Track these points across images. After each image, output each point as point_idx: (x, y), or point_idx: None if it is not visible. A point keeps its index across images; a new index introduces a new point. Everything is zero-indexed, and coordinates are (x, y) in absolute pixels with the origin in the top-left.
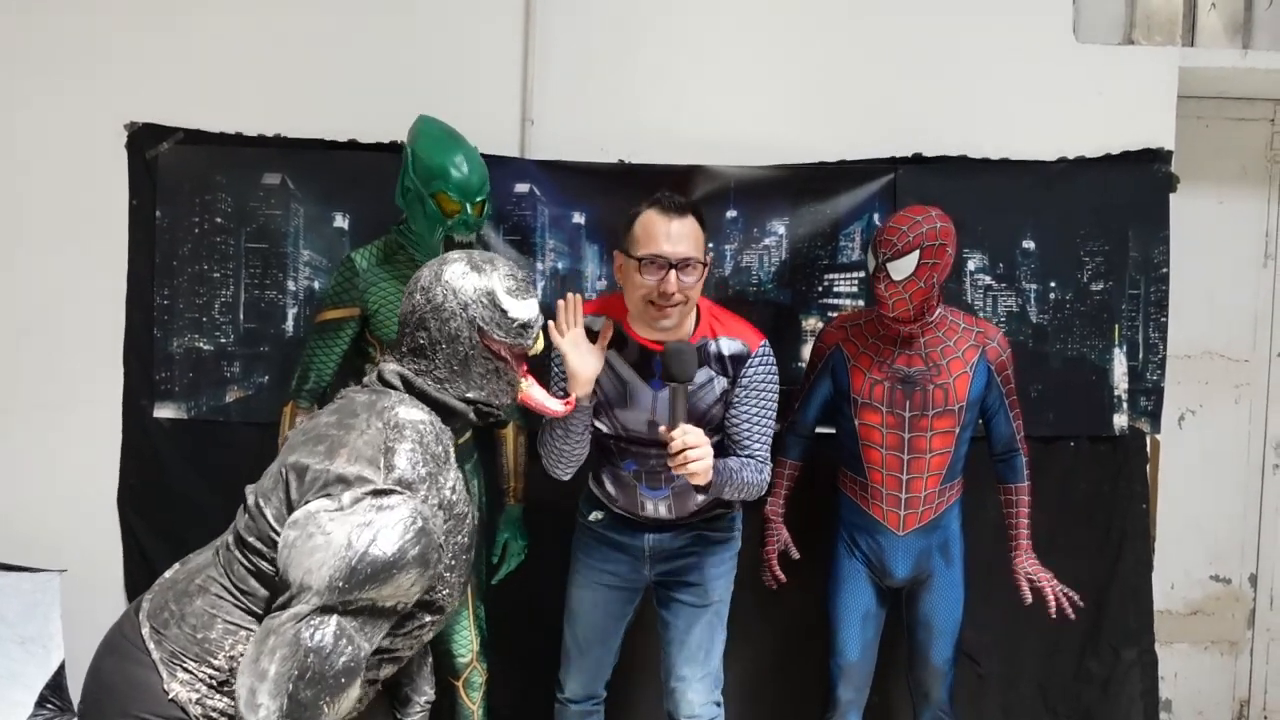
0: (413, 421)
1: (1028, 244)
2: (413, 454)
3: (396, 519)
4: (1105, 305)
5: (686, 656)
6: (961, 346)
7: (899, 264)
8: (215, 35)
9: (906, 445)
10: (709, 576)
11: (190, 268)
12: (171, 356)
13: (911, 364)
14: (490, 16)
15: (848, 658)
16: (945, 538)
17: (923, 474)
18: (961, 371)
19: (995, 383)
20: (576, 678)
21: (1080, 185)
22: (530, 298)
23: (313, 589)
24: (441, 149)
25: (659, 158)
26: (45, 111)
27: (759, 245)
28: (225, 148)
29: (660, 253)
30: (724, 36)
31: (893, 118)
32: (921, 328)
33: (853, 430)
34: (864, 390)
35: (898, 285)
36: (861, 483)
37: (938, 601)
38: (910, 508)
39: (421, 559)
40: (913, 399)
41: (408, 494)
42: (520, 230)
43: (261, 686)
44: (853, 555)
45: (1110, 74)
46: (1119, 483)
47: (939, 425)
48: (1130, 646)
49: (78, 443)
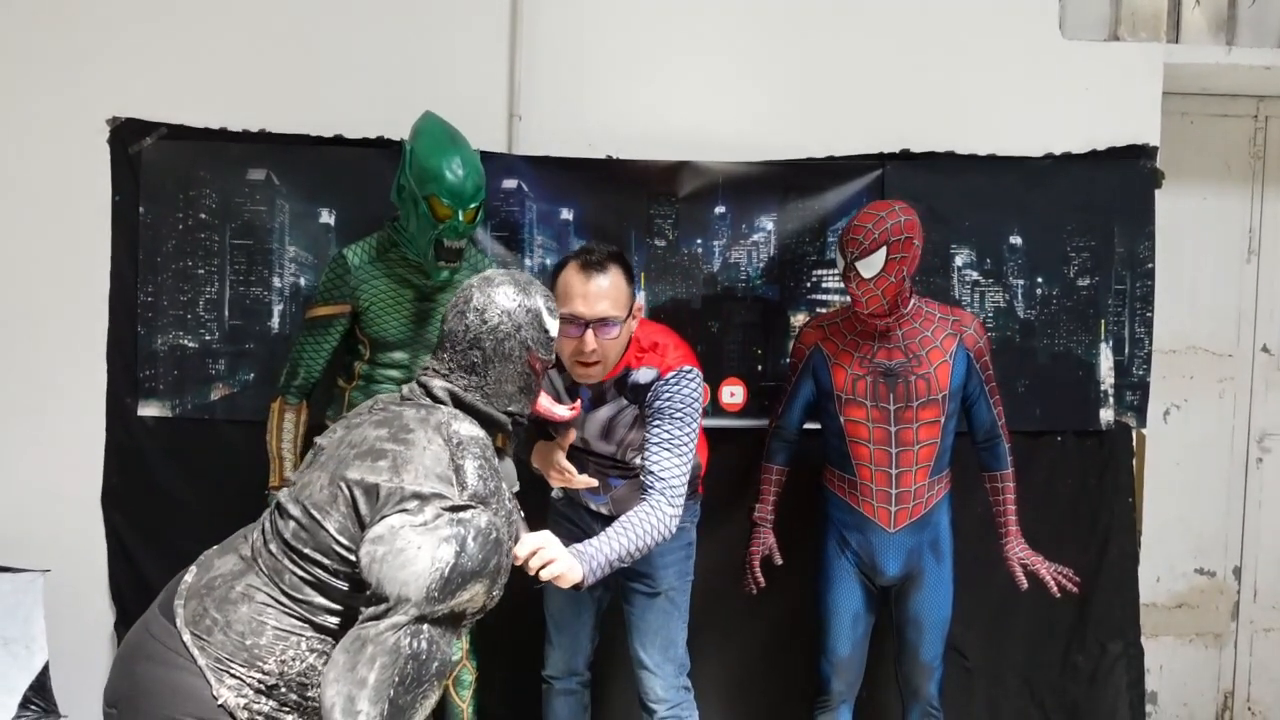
0: (473, 437)
1: (1015, 239)
2: (480, 469)
3: (478, 531)
4: (1091, 300)
5: (646, 644)
6: (939, 336)
7: (867, 262)
8: (199, 30)
9: (894, 439)
10: (656, 566)
11: (174, 264)
12: (156, 354)
13: (892, 357)
14: (477, 11)
15: (839, 654)
16: (936, 534)
17: (911, 467)
18: (941, 360)
19: (975, 369)
20: (557, 654)
21: (1067, 181)
22: (558, 318)
23: (410, 600)
24: (439, 151)
25: (647, 153)
26: (26, 106)
27: (747, 241)
28: (210, 143)
29: (576, 313)
30: (711, 32)
31: (880, 114)
32: (898, 320)
33: (839, 428)
34: (847, 387)
35: (868, 283)
36: (850, 480)
37: (927, 599)
38: (901, 503)
39: (499, 567)
40: (896, 391)
41: (481, 508)
42: (508, 226)
43: (361, 694)
44: (843, 555)
45: (1096, 70)
46: (1105, 477)
47: (924, 415)
48: (1116, 639)
49: (60, 442)
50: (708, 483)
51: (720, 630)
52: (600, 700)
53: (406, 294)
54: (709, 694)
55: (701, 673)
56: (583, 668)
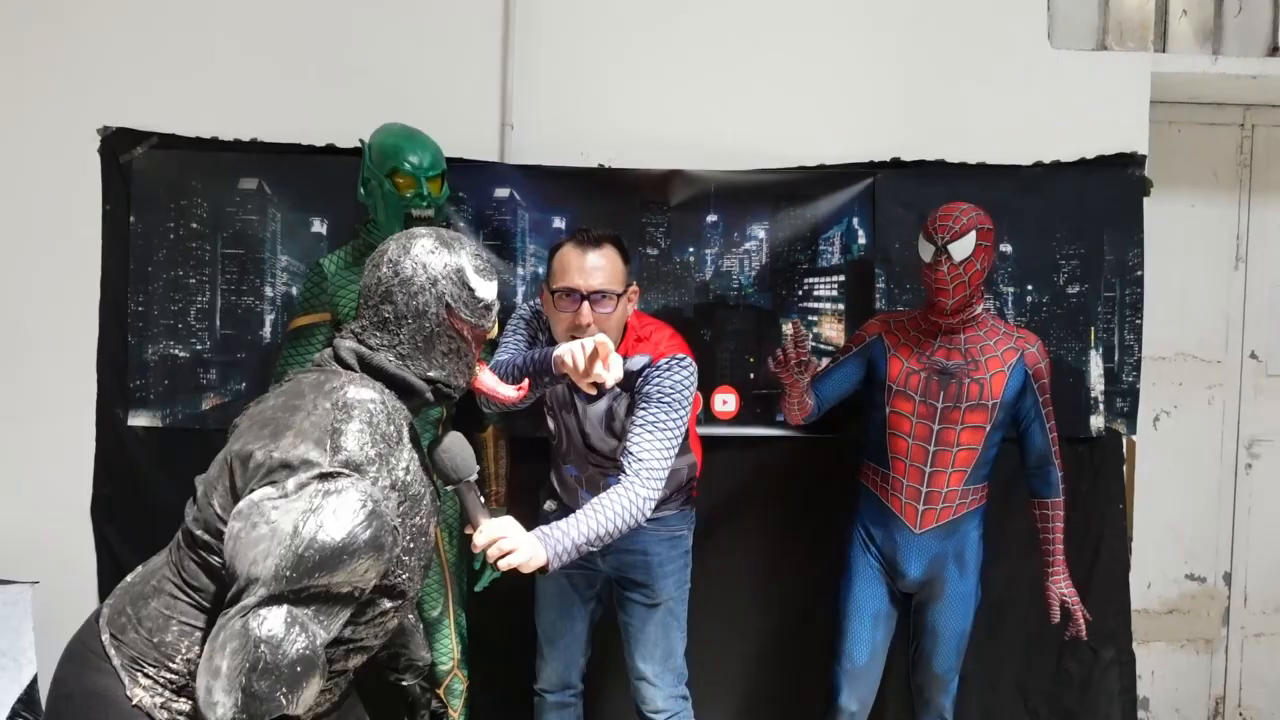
0: (361, 400)
1: (1005, 247)
2: (361, 434)
3: (344, 503)
4: (1081, 308)
5: (644, 654)
6: (1001, 347)
7: (959, 245)
8: (191, 39)
9: (934, 436)
10: (656, 576)
11: (165, 273)
12: (146, 364)
13: (950, 357)
14: (469, 21)
15: (855, 661)
16: (962, 545)
17: (946, 468)
18: (999, 370)
19: (1032, 389)
20: (549, 667)
21: (1056, 189)
22: (493, 280)
23: (259, 580)
24: (393, 134)
25: (639, 162)
26: (17, 115)
27: (739, 249)
28: (201, 152)
29: (573, 285)
30: (704, 41)
31: (871, 122)
32: (964, 324)
33: (882, 420)
34: (900, 378)
35: (959, 267)
36: (884, 474)
37: (947, 611)
38: (929, 503)
39: (374, 543)
40: (947, 390)
41: (356, 476)
42: (500, 235)
43: (216, 684)
44: (866, 551)
45: (1084, 79)
46: (1096, 484)
47: (970, 419)
48: (1108, 646)
49: (50, 452)
50: (701, 490)
51: (720, 639)
52: (594, 712)
53: None
54: (710, 702)
55: (703, 681)
56: (576, 680)
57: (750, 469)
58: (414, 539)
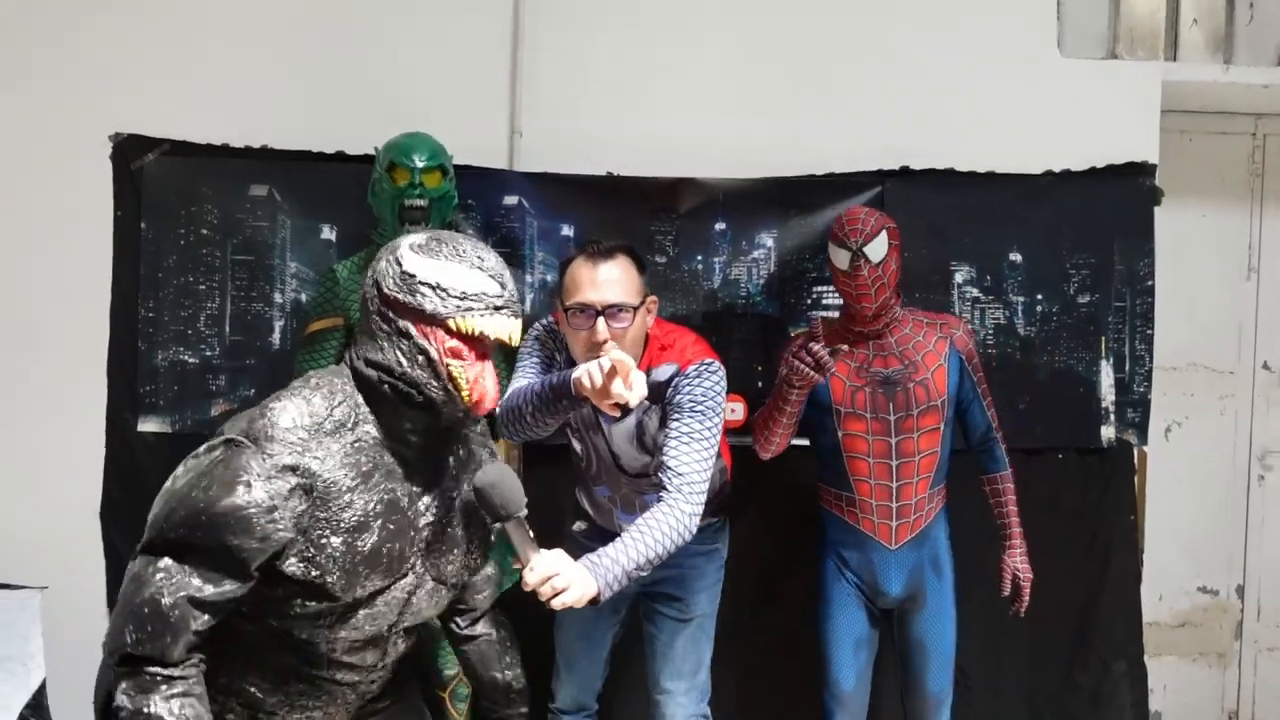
0: (312, 384)
1: (1015, 256)
2: (283, 412)
3: (219, 465)
4: (1092, 318)
5: (671, 670)
6: (930, 340)
7: (873, 246)
8: (201, 46)
9: (894, 450)
10: (691, 590)
11: (175, 280)
12: (156, 369)
13: (889, 364)
14: (478, 28)
15: (843, 688)
16: (935, 550)
17: (913, 478)
18: (938, 364)
19: (967, 372)
20: (566, 688)
21: (1066, 198)
22: (438, 259)
23: (147, 525)
24: (397, 136)
25: (647, 170)
26: (29, 121)
27: (747, 257)
28: (211, 159)
29: (586, 301)
30: (712, 49)
31: (880, 131)
32: (889, 326)
33: (835, 445)
34: (846, 399)
35: (877, 268)
36: (848, 497)
37: (930, 621)
38: (902, 517)
39: (236, 511)
40: (895, 400)
41: (252, 448)
42: (509, 242)
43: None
44: (842, 577)
45: (1095, 88)
46: (1106, 495)
47: (924, 424)
48: (1119, 659)
49: (59, 457)
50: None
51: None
52: None
53: None
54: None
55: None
56: (591, 701)
57: (758, 476)
58: (349, 544)
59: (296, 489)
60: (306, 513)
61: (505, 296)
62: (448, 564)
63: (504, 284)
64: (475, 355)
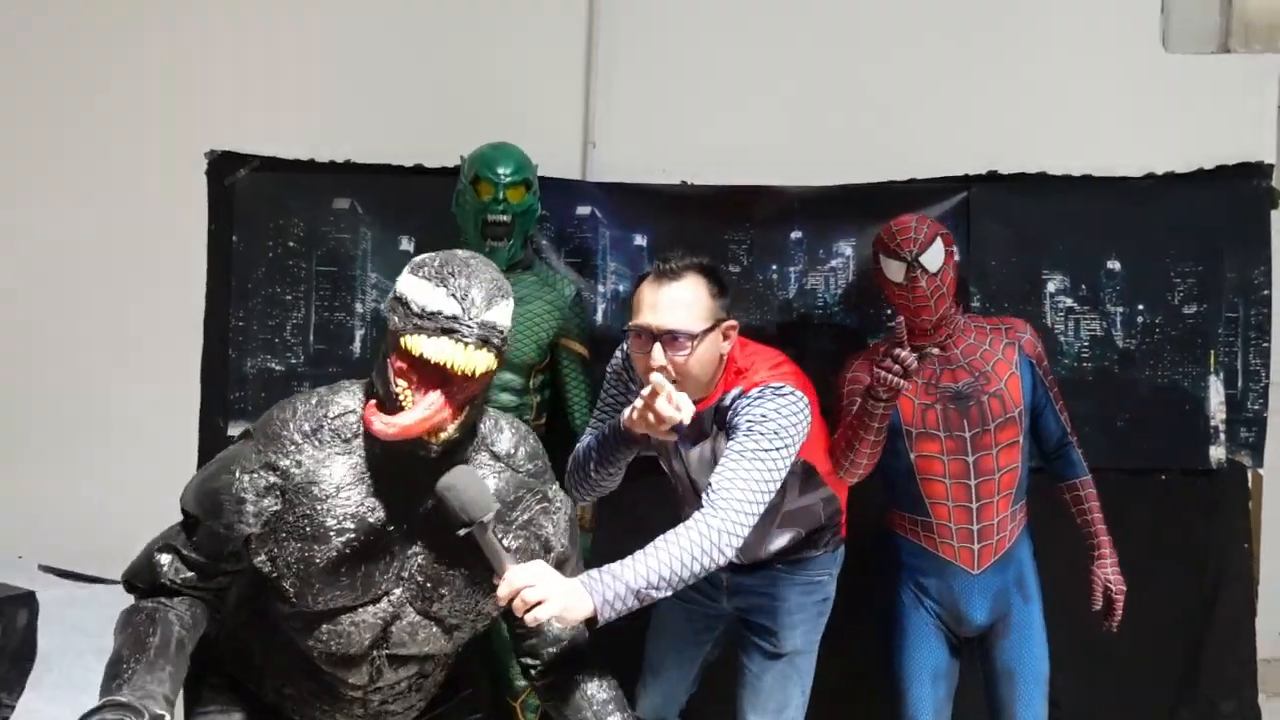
0: (340, 388)
1: (1113, 264)
2: (292, 411)
3: (231, 450)
4: (1199, 329)
5: (756, 704)
6: (998, 347)
7: (929, 255)
8: (288, 66)
9: (972, 469)
10: (784, 624)
11: (264, 290)
12: (245, 376)
13: (958, 378)
14: (553, 40)
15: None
16: (1020, 571)
17: (993, 497)
18: (1010, 373)
19: (1039, 377)
20: (650, 697)
21: (1170, 202)
22: (428, 281)
23: None
24: (484, 147)
25: (721, 178)
26: (131, 141)
27: (825, 267)
28: (298, 174)
29: (643, 324)
30: (787, 54)
31: (966, 133)
32: (950, 338)
33: (907, 467)
34: (916, 419)
35: (935, 277)
36: (924, 522)
37: (1019, 646)
38: (984, 539)
39: (214, 494)
40: (969, 416)
41: (253, 440)
42: (582, 253)
43: None
44: (920, 605)
45: (1203, 85)
46: (1216, 520)
47: (1003, 438)
48: (1228, 698)
49: (157, 459)
50: None
51: None
52: None
53: None
54: None
55: None
56: (673, 715)
57: None
58: (302, 551)
59: (273, 488)
60: (278, 514)
61: (462, 320)
62: (438, 601)
63: (467, 307)
64: (421, 380)
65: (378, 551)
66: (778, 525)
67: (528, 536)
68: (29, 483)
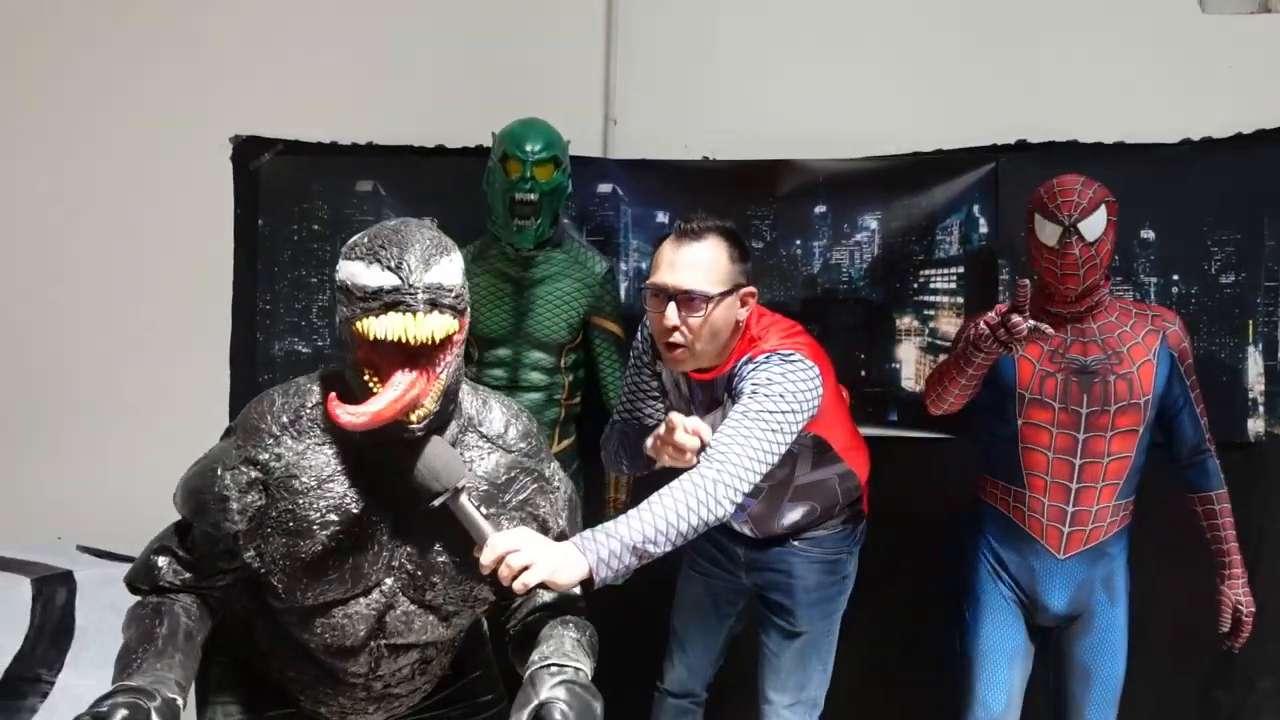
0: (316, 376)
1: (1146, 234)
2: (269, 403)
3: (214, 448)
4: (1237, 299)
5: (776, 683)
6: (1139, 332)
7: (1090, 222)
8: (310, 49)
9: (1081, 448)
10: (800, 603)
11: (290, 273)
12: (273, 359)
13: (1088, 352)
14: (573, 17)
15: (992, 710)
16: (1111, 569)
17: (1097, 483)
18: (1145, 359)
19: (1179, 373)
20: (676, 670)
21: (1207, 169)
22: (360, 261)
23: None
24: (514, 124)
25: (744, 153)
26: (157, 126)
27: (850, 241)
28: (321, 157)
29: (660, 283)
30: (808, 24)
31: (994, 102)
32: (1091, 311)
33: (1013, 433)
34: (1033, 384)
35: (1091, 248)
36: (1017, 493)
37: (1099, 647)
38: (1077, 524)
39: (198, 495)
40: (1091, 392)
41: (233, 436)
42: (603, 230)
43: None
44: (998, 580)
45: (1242, 46)
46: (1254, 494)
47: (1121, 423)
48: (1266, 676)
49: (188, 441)
50: None
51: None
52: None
53: (505, 289)
54: None
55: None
56: (700, 689)
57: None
58: (288, 545)
59: (255, 483)
60: (262, 509)
61: (404, 290)
62: (430, 590)
63: (405, 275)
64: (385, 362)
65: (364, 542)
66: (789, 499)
67: (523, 518)
68: (66, 466)
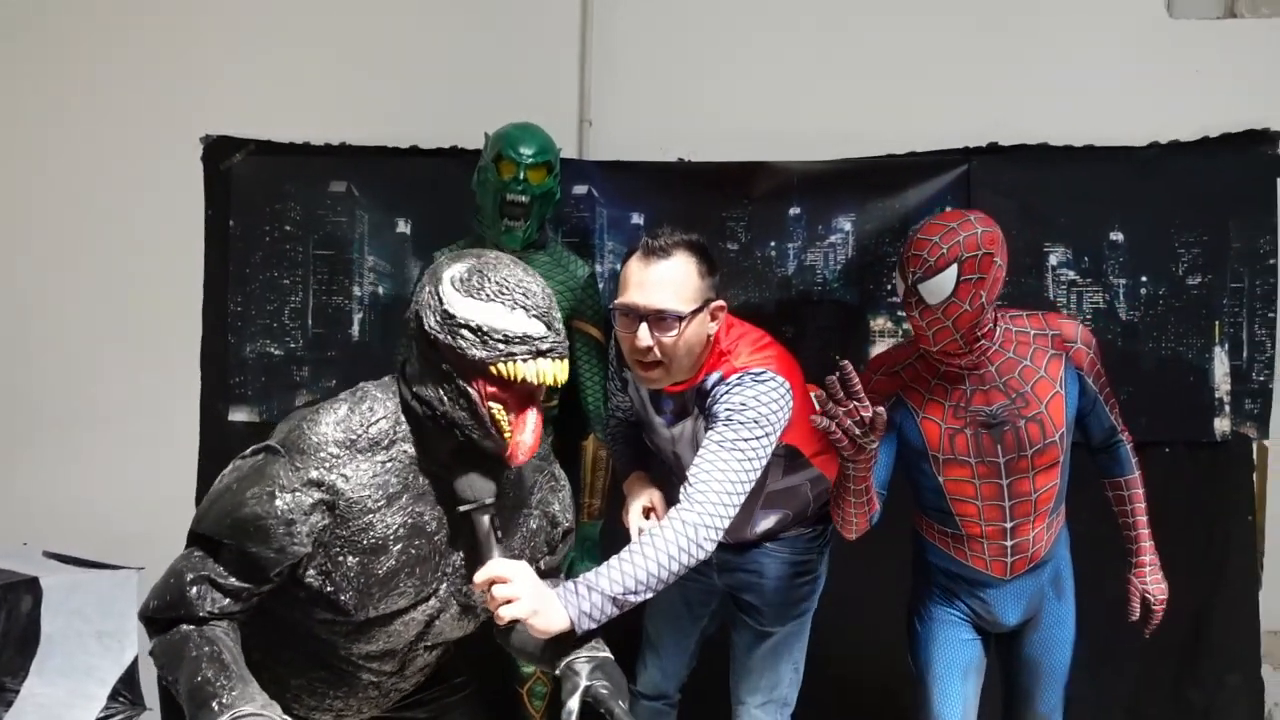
0: (358, 396)
1: (1116, 236)
2: (320, 424)
3: (254, 470)
4: (1204, 300)
5: (748, 684)
6: (1042, 361)
7: (933, 284)
8: (283, 50)
9: (1006, 492)
10: (770, 602)
11: (262, 275)
12: (245, 361)
13: (991, 400)
14: (547, 19)
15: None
16: (1057, 569)
17: (1029, 516)
18: (1053, 393)
19: (1088, 387)
20: (648, 674)
21: (1175, 172)
22: (494, 302)
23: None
24: (509, 126)
25: (719, 155)
26: (126, 126)
27: (824, 243)
28: (294, 158)
29: (630, 303)
30: (783, 25)
31: (966, 104)
32: (985, 356)
33: (936, 487)
34: (944, 444)
35: (934, 310)
36: (955, 535)
37: (1047, 640)
38: (1018, 552)
39: (256, 520)
40: (1004, 442)
41: (285, 458)
42: (579, 232)
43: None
44: (950, 600)
45: (1208, 51)
46: (1221, 492)
47: (1040, 462)
48: (1234, 671)
49: (157, 445)
50: None
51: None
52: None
53: None
54: None
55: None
56: (673, 691)
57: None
58: (362, 564)
59: (319, 504)
60: (328, 529)
61: (550, 339)
62: (474, 592)
63: (549, 323)
64: (516, 400)
65: (429, 553)
66: (762, 506)
67: (540, 515)
68: (32, 471)
